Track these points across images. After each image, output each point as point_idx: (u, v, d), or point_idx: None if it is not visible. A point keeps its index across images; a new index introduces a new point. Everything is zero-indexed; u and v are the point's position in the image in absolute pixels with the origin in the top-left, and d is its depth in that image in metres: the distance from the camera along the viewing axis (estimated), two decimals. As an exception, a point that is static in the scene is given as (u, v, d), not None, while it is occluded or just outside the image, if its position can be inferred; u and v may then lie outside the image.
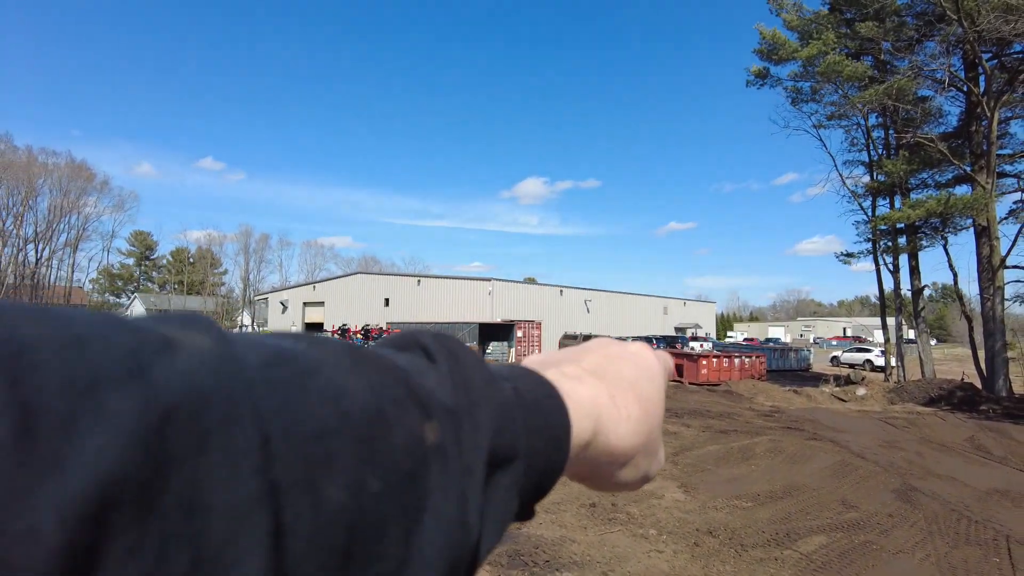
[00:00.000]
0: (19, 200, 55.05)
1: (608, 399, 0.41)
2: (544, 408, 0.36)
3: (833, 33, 22.13)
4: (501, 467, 0.31)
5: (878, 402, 19.18)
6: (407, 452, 0.26)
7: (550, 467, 0.35)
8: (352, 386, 0.26)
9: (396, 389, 0.27)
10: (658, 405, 0.45)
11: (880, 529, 6.58)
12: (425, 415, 0.28)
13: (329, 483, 0.23)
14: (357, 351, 0.28)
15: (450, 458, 0.28)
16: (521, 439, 0.33)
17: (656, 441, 0.45)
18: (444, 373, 0.31)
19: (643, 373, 0.45)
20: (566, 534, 6.20)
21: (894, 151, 23.73)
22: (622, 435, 0.41)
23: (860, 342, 61.58)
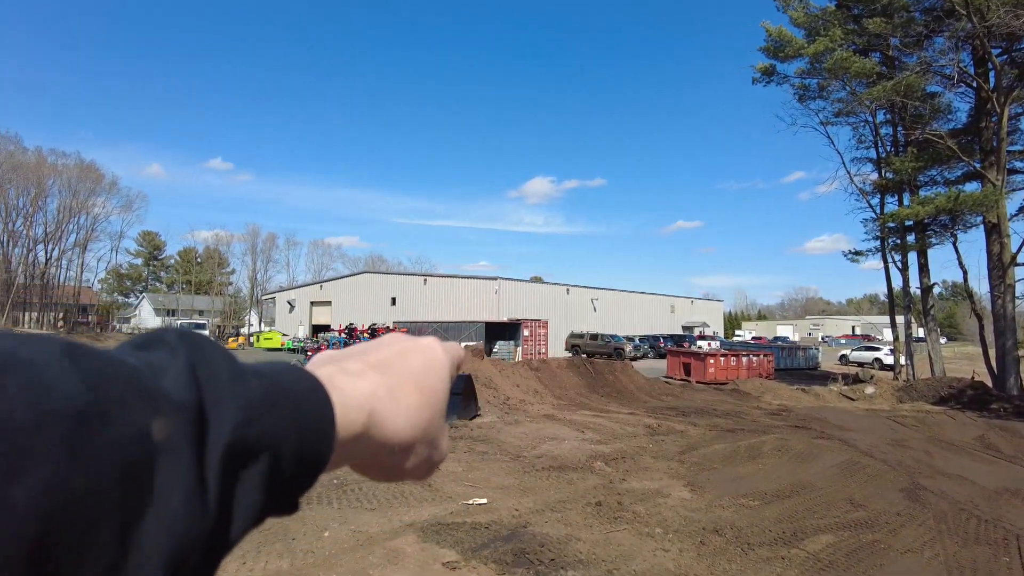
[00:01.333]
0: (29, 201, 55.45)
1: (386, 391, 0.43)
2: (303, 401, 0.36)
3: (840, 29, 21.99)
4: (244, 460, 0.31)
5: (887, 401, 19.05)
6: (125, 450, 0.25)
7: (309, 458, 0.35)
8: (62, 384, 0.25)
9: (116, 387, 0.27)
10: (440, 395, 0.47)
11: (888, 528, 6.53)
12: (153, 411, 0.27)
13: (18, 483, 0.22)
14: (79, 349, 0.27)
15: (180, 453, 0.28)
16: (266, 433, 0.32)
17: (438, 430, 0.47)
18: (182, 369, 0.31)
19: (428, 365, 0.47)
20: (571, 532, 6.18)
21: (903, 148, 23.57)
22: (399, 426, 0.42)
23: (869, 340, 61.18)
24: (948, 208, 20.36)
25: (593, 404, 16.15)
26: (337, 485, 7.46)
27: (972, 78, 20.66)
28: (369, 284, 51.80)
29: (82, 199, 58.91)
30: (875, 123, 24.44)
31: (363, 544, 5.65)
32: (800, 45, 23.06)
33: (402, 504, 6.88)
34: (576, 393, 17.61)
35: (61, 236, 58.89)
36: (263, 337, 49.66)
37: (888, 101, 21.80)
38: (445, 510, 6.72)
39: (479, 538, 5.91)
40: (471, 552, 5.56)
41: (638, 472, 8.76)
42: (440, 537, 5.88)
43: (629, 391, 19.00)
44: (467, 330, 38.31)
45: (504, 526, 6.27)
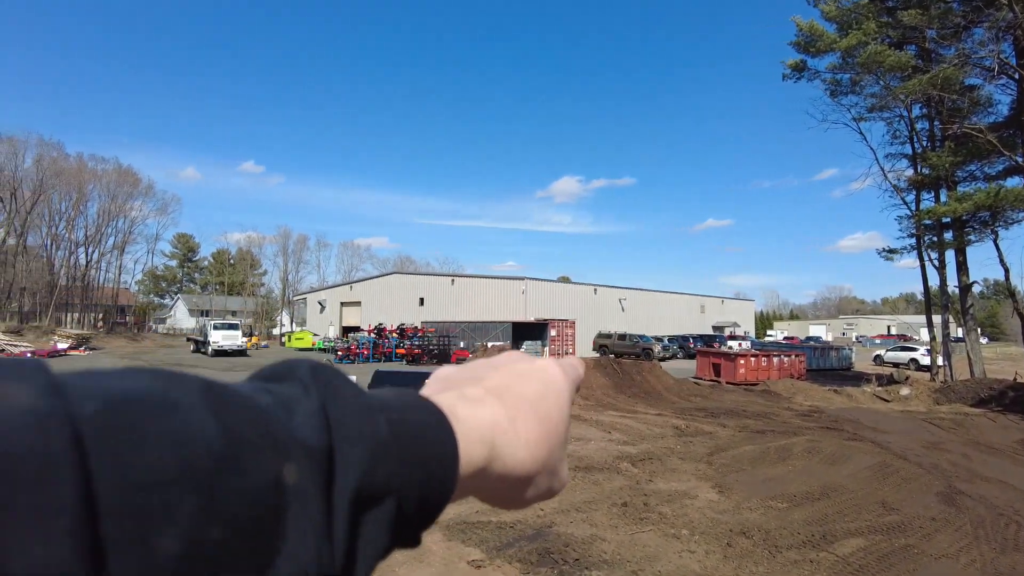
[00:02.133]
0: (71, 205, 57.37)
1: (507, 422, 0.41)
2: (428, 439, 0.35)
3: (874, 22, 21.48)
4: (371, 504, 0.31)
5: (923, 402, 18.56)
6: (258, 497, 0.25)
7: (434, 498, 0.35)
8: (201, 431, 0.25)
9: (252, 430, 0.27)
10: (560, 424, 0.45)
11: (922, 533, 6.38)
12: (284, 457, 0.27)
13: (163, 535, 0.22)
14: (216, 389, 0.27)
15: (310, 500, 0.28)
16: (396, 475, 0.32)
17: (558, 460, 0.45)
18: (314, 409, 0.31)
19: (547, 391, 0.45)
20: (597, 533, 6.18)
21: (939, 143, 22.92)
22: (520, 459, 0.41)
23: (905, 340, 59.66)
24: (988, 204, 19.74)
25: (620, 405, 16.07)
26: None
27: (1014, 69, 19.97)
28: (398, 285, 52.33)
29: (120, 203, 60.76)
30: (910, 118, 23.81)
31: (390, 541, 5.73)
32: (832, 39, 22.57)
33: (428, 503, 6.95)
34: (603, 394, 17.54)
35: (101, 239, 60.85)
36: (294, 337, 50.57)
37: (924, 95, 21.22)
38: (470, 508, 6.77)
39: (504, 537, 5.95)
40: (496, 551, 5.60)
41: (665, 473, 8.71)
42: (465, 535, 5.94)
43: (657, 392, 18.86)
44: (494, 330, 38.45)
45: (529, 525, 6.30)
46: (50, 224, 56.90)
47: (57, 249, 57.94)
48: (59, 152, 56.48)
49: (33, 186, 53.22)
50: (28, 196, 53.05)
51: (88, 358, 34.84)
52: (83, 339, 43.63)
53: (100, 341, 48.05)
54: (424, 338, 37.91)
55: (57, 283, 55.25)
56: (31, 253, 55.01)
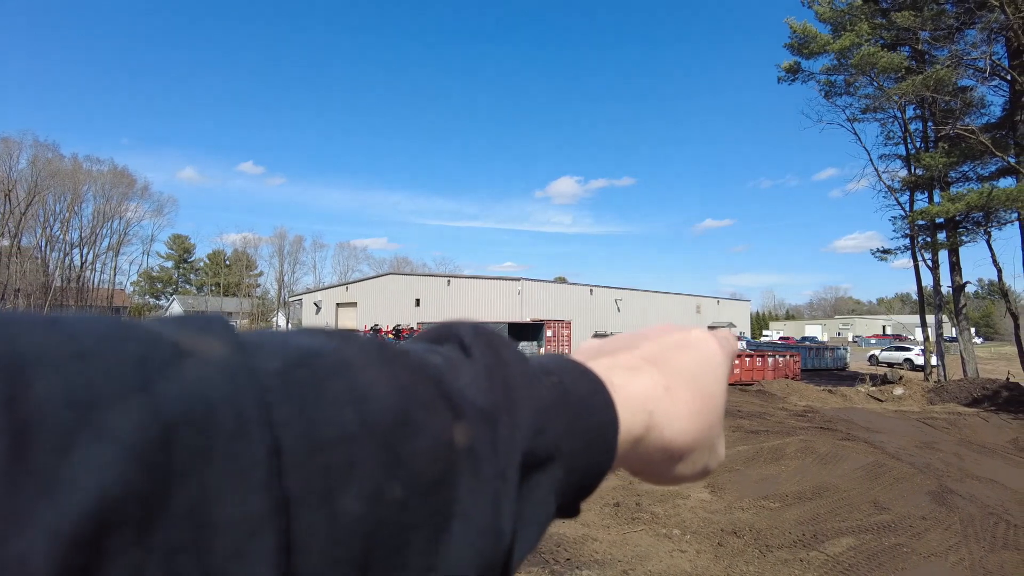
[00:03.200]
0: (66, 206, 57.21)
1: (664, 391, 0.39)
2: (589, 405, 0.34)
3: (867, 24, 21.58)
4: (539, 469, 0.30)
5: (917, 402, 18.65)
6: (434, 457, 0.25)
7: (595, 466, 0.34)
8: (377, 388, 0.25)
9: (425, 390, 0.27)
10: (718, 397, 0.42)
11: (912, 532, 6.42)
12: (456, 417, 0.27)
13: (346, 493, 0.22)
14: (388, 349, 0.27)
15: (482, 461, 0.27)
16: (561, 440, 0.31)
17: (715, 435, 0.42)
18: (480, 370, 0.30)
19: (704, 363, 0.43)
20: (588, 533, 6.20)
21: (932, 144, 23.03)
22: (677, 430, 0.39)
23: (900, 340, 59.84)
24: (981, 205, 19.83)
25: (615, 405, 16.08)
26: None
27: (1006, 71, 20.08)
28: (394, 285, 52.31)
29: (115, 204, 60.68)
30: (904, 119, 23.91)
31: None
32: (826, 41, 22.66)
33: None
34: (598, 394, 17.56)
35: (96, 240, 60.71)
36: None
37: (917, 96, 21.31)
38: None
39: (496, 537, 5.96)
40: (488, 551, 5.61)
41: (658, 473, 8.73)
42: (458, 536, 5.95)
43: (652, 392, 18.87)
44: (490, 331, 38.42)
45: (521, 526, 6.31)
46: (45, 225, 56.83)
47: (52, 250, 57.86)
48: (54, 153, 56.43)
49: (28, 187, 53.07)
50: (23, 197, 52.89)
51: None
52: (78, 341, 43.45)
53: (95, 342, 47.83)
54: (420, 339, 37.90)
55: (52, 284, 55.12)
56: (26, 254, 54.79)
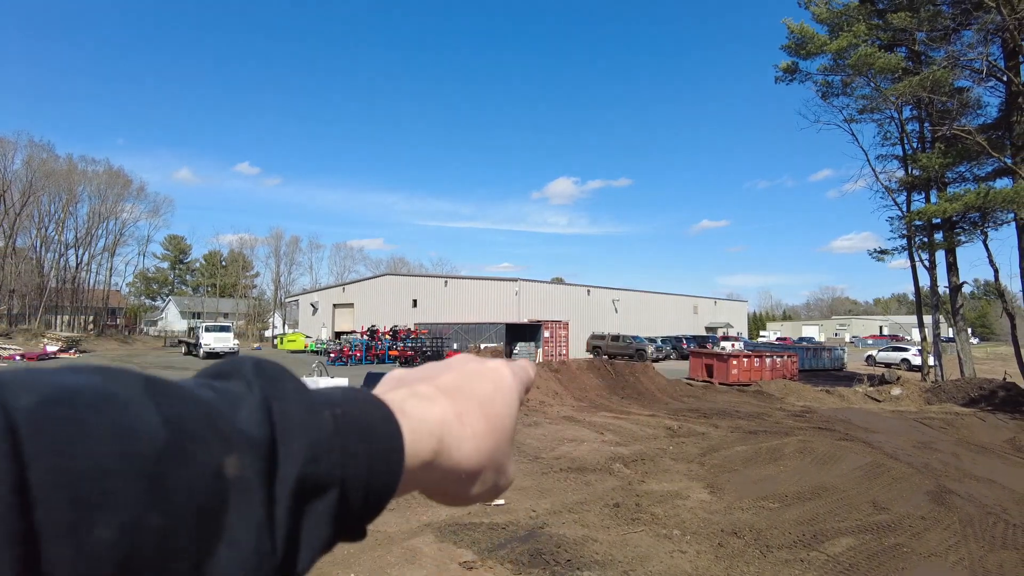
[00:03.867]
0: (61, 207, 56.95)
1: (455, 417, 0.42)
2: (373, 434, 0.36)
3: (864, 24, 21.62)
4: (314, 495, 0.32)
5: (914, 402, 18.67)
6: (202, 487, 0.26)
7: (378, 490, 0.36)
8: (141, 422, 0.26)
9: (195, 423, 0.28)
10: (508, 420, 0.46)
11: (911, 532, 6.42)
12: (227, 448, 0.28)
13: (98, 523, 0.23)
14: (158, 384, 0.28)
15: (252, 490, 0.28)
16: (340, 467, 0.33)
17: (504, 456, 0.46)
18: (257, 403, 0.32)
19: (497, 390, 0.46)
20: (588, 533, 6.18)
21: (929, 144, 23.08)
22: (466, 452, 0.42)
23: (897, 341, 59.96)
24: (977, 205, 19.87)
25: (613, 406, 16.09)
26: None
27: (1002, 72, 20.14)
28: (391, 286, 52.21)
29: (111, 204, 60.35)
30: (901, 119, 23.97)
31: (381, 543, 5.72)
32: (823, 42, 22.70)
33: (420, 504, 6.94)
34: (596, 395, 17.56)
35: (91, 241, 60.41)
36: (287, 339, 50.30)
37: (914, 97, 21.36)
38: (463, 511, 6.76)
39: (496, 538, 5.95)
40: (488, 552, 5.60)
41: (657, 474, 8.73)
42: (457, 537, 5.93)
43: (650, 393, 18.89)
44: (488, 331, 38.42)
45: (521, 527, 6.30)
46: (40, 226, 56.48)
47: (47, 251, 57.54)
48: (49, 153, 56.08)
49: (23, 187, 52.81)
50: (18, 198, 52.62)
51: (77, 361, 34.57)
52: (73, 342, 43.33)
53: (91, 344, 47.74)
54: (417, 340, 37.85)
55: (47, 285, 54.79)
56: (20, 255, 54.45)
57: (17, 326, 47.25)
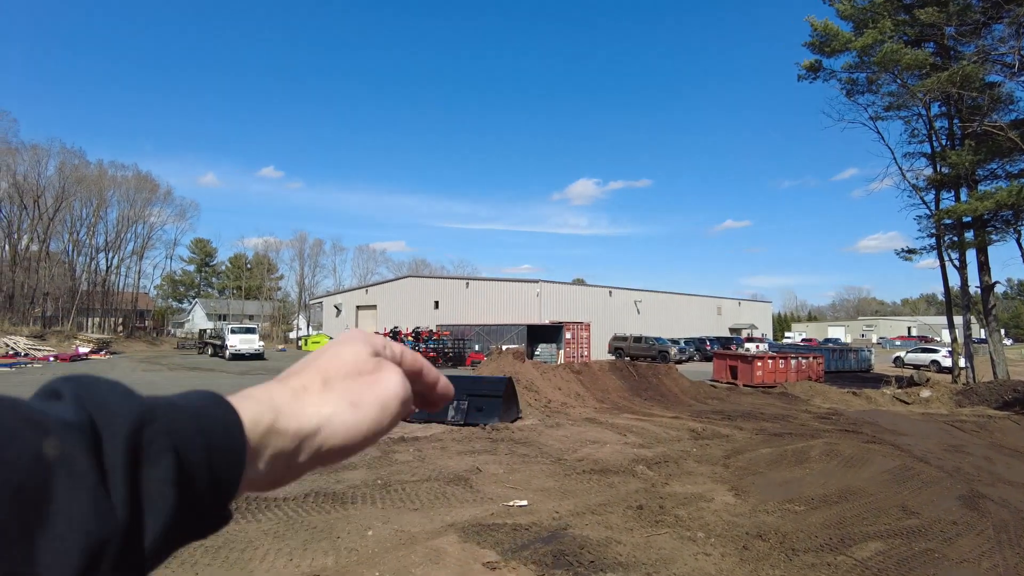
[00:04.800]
0: (91, 212, 58.31)
1: (282, 386, 0.46)
2: (203, 411, 0.39)
3: (890, 20, 21.25)
4: (147, 463, 0.34)
5: (944, 405, 18.28)
6: (17, 469, 0.28)
7: (220, 455, 0.38)
8: None
9: (6, 419, 0.30)
10: (344, 356, 0.49)
11: (943, 537, 6.29)
12: (42, 434, 0.30)
13: None
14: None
15: (76, 461, 0.31)
16: (163, 435, 0.35)
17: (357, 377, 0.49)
18: (69, 399, 0.34)
19: (332, 347, 0.51)
20: (612, 535, 6.17)
21: (959, 141, 22.61)
22: (303, 404, 0.45)
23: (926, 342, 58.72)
24: (1010, 203, 19.41)
25: (636, 408, 16.01)
26: (381, 485, 7.64)
27: (1035, 66, 19.68)
28: (413, 288, 52.55)
29: (139, 209, 61.59)
30: (929, 116, 23.51)
31: (405, 543, 5.77)
32: (847, 39, 22.36)
33: (444, 504, 6.99)
34: (618, 396, 17.49)
35: (120, 244, 61.69)
36: (311, 341, 50.97)
37: (943, 93, 20.95)
38: (486, 511, 6.80)
39: (519, 539, 5.97)
40: (511, 553, 5.62)
41: (681, 476, 8.67)
42: (481, 538, 5.96)
43: (673, 394, 18.76)
44: (509, 333, 38.47)
45: (544, 528, 6.31)
46: (71, 230, 57.91)
47: (78, 255, 58.94)
48: (80, 159, 57.45)
49: (55, 193, 54.20)
50: (51, 203, 54.01)
51: (108, 362, 35.33)
52: (104, 343, 44.32)
53: (120, 345, 48.76)
54: (439, 341, 38.03)
55: (78, 288, 56.10)
56: (54, 259, 55.90)
57: (51, 328, 48.43)
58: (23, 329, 43.40)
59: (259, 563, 5.15)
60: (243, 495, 0.43)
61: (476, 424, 12.02)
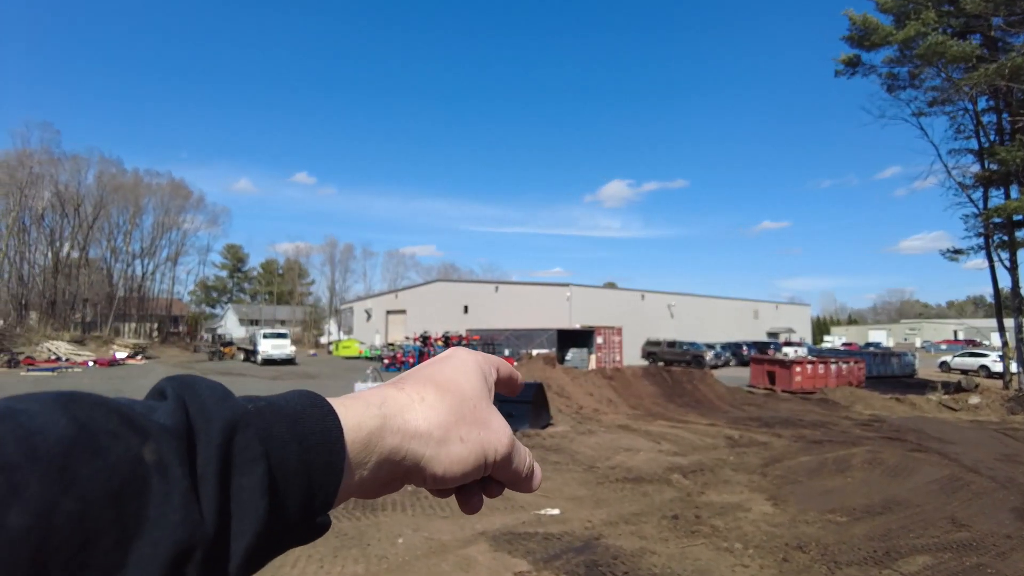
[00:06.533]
0: (128, 219, 60.09)
1: (400, 391, 0.46)
2: (301, 415, 0.38)
3: (934, 12, 20.57)
4: (239, 465, 0.34)
5: (995, 412, 17.53)
6: (117, 472, 0.29)
7: (317, 463, 0.37)
8: (49, 426, 0.28)
9: (108, 421, 0.30)
10: (463, 385, 0.49)
11: (996, 551, 5.98)
12: (144, 438, 0.31)
13: (12, 513, 0.25)
14: (72, 396, 0.31)
15: (172, 469, 0.31)
16: (260, 438, 0.35)
17: (473, 413, 0.47)
18: (172, 401, 0.34)
19: (452, 367, 0.51)
20: (646, 546, 6.03)
21: (1008, 136, 21.74)
22: (416, 415, 0.44)
23: (974, 346, 56.60)
24: (1064, 200, 18.61)
25: (670, 414, 15.75)
26: (412, 492, 7.61)
27: (1089, 57, 18.82)
28: (442, 292, 52.85)
29: (173, 216, 63.23)
30: (976, 110, 22.67)
31: (436, 551, 5.73)
32: (888, 32, 21.73)
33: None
34: (652, 403, 17.23)
35: (155, 251, 63.40)
36: (341, 346, 51.56)
37: (990, 86, 20.19)
38: (517, 520, 6.72)
39: (551, 549, 5.87)
40: (543, 563, 5.52)
41: (718, 485, 8.46)
42: (512, 547, 5.88)
43: (709, 401, 18.41)
44: (539, 337, 38.34)
45: (577, 537, 6.20)
46: (109, 237, 59.64)
47: (116, 261, 60.69)
48: (117, 168, 59.16)
49: (94, 201, 55.98)
50: (90, 211, 55.80)
51: (144, 367, 36.25)
52: (140, 348, 45.48)
53: (155, 350, 50.00)
54: (469, 346, 38.08)
55: (116, 294, 57.78)
56: (92, 265, 57.68)
57: (90, 333, 49.92)
58: (64, 335, 44.69)
59: (290, 569, 5.16)
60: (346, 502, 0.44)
61: (507, 429, 11.93)
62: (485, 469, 0.48)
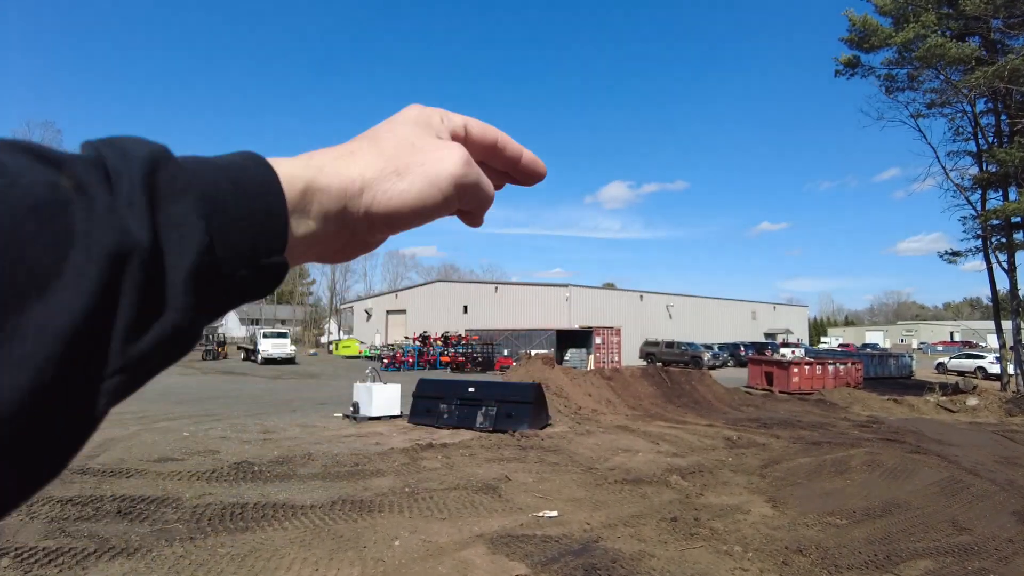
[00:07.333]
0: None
1: (329, 149, 0.45)
2: (232, 162, 0.37)
3: (933, 14, 20.57)
4: (169, 200, 0.32)
5: (993, 413, 17.52)
6: (34, 193, 0.28)
7: (256, 208, 0.36)
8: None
9: (16, 158, 0.29)
10: (397, 129, 0.48)
11: (998, 555, 5.95)
12: (57, 167, 0.29)
13: None
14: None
15: (92, 189, 0.30)
16: (187, 169, 0.34)
17: (410, 150, 0.46)
18: (88, 148, 0.33)
19: (387, 121, 0.50)
20: (645, 548, 5.98)
21: (1007, 138, 21.75)
22: (348, 164, 0.44)
23: (971, 347, 56.66)
24: (1062, 202, 18.61)
25: (669, 415, 15.71)
26: (409, 493, 7.56)
27: (1088, 59, 18.82)
28: (442, 292, 52.79)
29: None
30: (974, 112, 22.68)
31: (433, 554, 5.67)
32: (887, 34, 21.72)
33: (472, 514, 6.88)
34: (651, 403, 17.18)
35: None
36: (342, 345, 51.48)
37: (989, 88, 20.20)
38: (515, 522, 6.66)
39: (549, 552, 5.82)
40: (541, 566, 5.48)
41: (716, 487, 8.42)
42: (510, 549, 5.83)
43: (707, 401, 18.37)
44: (538, 338, 38.30)
45: (575, 540, 6.15)
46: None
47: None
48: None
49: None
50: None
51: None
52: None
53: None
54: (468, 346, 38.05)
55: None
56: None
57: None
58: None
59: (285, 572, 5.10)
60: (303, 263, 0.44)
61: (505, 431, 11.89)
62: (443, 198, 0.46)
